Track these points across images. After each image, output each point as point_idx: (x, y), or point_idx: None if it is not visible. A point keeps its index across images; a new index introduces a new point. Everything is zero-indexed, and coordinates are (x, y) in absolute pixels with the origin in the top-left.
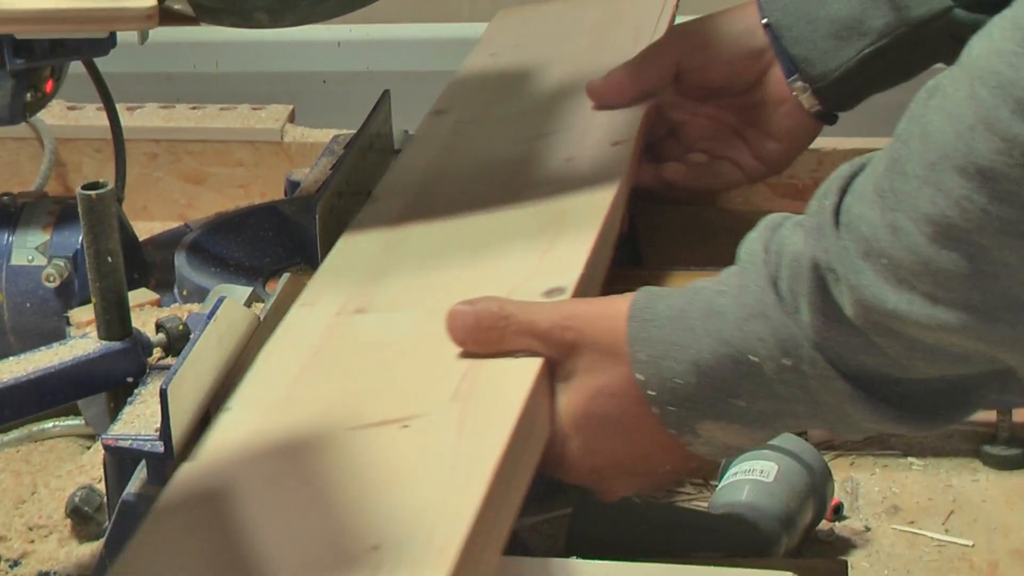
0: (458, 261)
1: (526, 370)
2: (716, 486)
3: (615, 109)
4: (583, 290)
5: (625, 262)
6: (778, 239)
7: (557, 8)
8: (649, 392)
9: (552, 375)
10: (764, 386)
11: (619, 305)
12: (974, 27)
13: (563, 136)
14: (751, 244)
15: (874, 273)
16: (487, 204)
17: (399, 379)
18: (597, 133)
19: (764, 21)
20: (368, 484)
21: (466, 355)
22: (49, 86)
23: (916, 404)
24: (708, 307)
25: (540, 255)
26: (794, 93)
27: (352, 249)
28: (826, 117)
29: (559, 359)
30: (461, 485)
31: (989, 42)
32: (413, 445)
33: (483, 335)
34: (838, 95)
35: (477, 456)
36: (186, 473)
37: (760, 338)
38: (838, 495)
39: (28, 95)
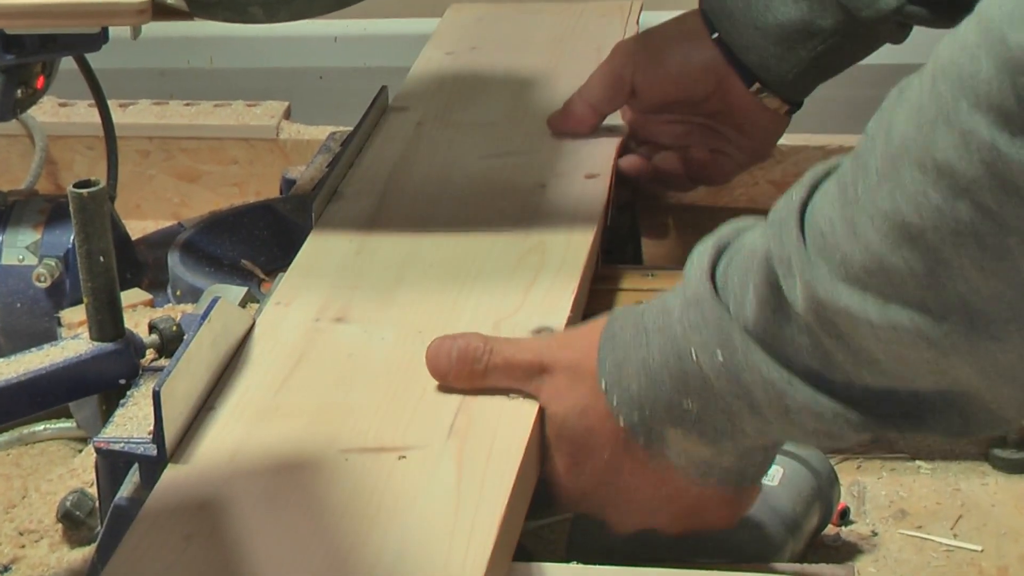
0: (435, 280)
1: (524, 414)
2: None
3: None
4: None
5: (625, 262)
6: (734, 235)
7: (511, 10)
8: (612, 401)
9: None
10: (707, 388)
11: (598, 323)
12: (922, 17)
13: (531, 159)
14: (704, 239)
15: (828, 269)
16: (458, 220)
17: (388, 401)
18: (568, 161)
19: (715, 36)
20: (368, 515)
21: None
22: (40, 82)
23: (861, 404)
24: (661, 306)
25: (524, 289)
26: (759, 97)
27: (323, 248)
28: (792, 108)
29: (538, 387)
30: (467, 530)
31: (954, 38)
32: (412, 479)
33: (466, 369)
34: (796, 90)
35: (482, 503)
36: (173, 478)
37: (696, 328)
38: (844, 499)
39: (19, 91)
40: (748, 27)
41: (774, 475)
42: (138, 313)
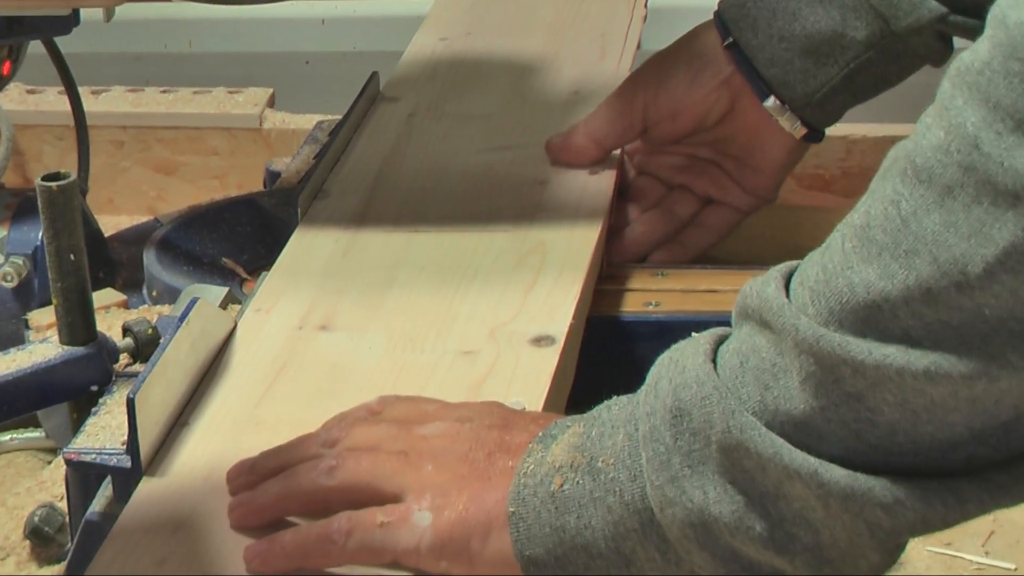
0: (427, 283)
1: None
2: None
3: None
4: (572, 339)
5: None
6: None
7: None
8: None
9: None
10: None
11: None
12: (964, 28)
13: (529, 153)
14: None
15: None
16: (452, 218)
17: None
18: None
19: (727, 42)
20: None
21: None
22: (6, 68)
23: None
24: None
25: (523, 292)
26: (774, 117)
27: (308, 248)
28: (811, 136)
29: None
30: None
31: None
32: None
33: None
34: (822, 113)
35: None
36: (148, 492)
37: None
38: None
39: None
40: (772, 38)
41: None
42: (111, 315)
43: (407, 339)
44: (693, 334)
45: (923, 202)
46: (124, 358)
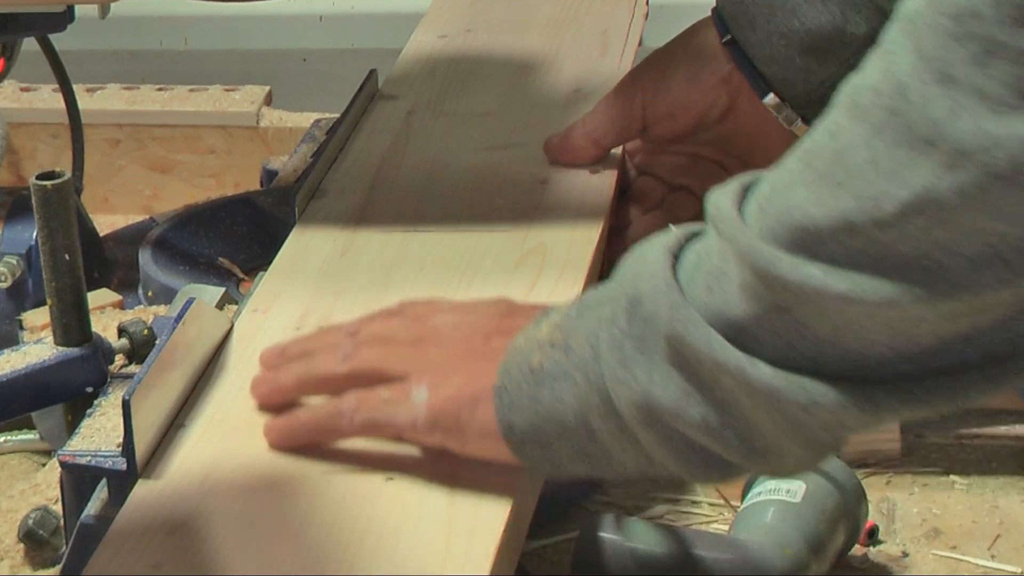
0: (426, 284)
1: None
2: (738, 507)
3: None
4: None
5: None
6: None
7: None
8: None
9: None
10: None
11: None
12: None
13: (530, 152)
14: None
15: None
16: (452, 218)
17: None
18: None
19: (726, 39)
20: (352, 542)
21: None
22: (0, 65)
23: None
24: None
25: (523, 293)
26: (774, 114)
27: (305, 248)
28: None
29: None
30: (460, 560)
31: None
32: (400, 502)
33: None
34: (824, 111)
35: (477, 530)
36: (143, 495)
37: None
38: (873, 517)
39: None
40: (772, 35)
41: (796, 491)
42: (106, 315)
43: None
44: (671, 227)
45: (855, 138)
46: (119, 359)
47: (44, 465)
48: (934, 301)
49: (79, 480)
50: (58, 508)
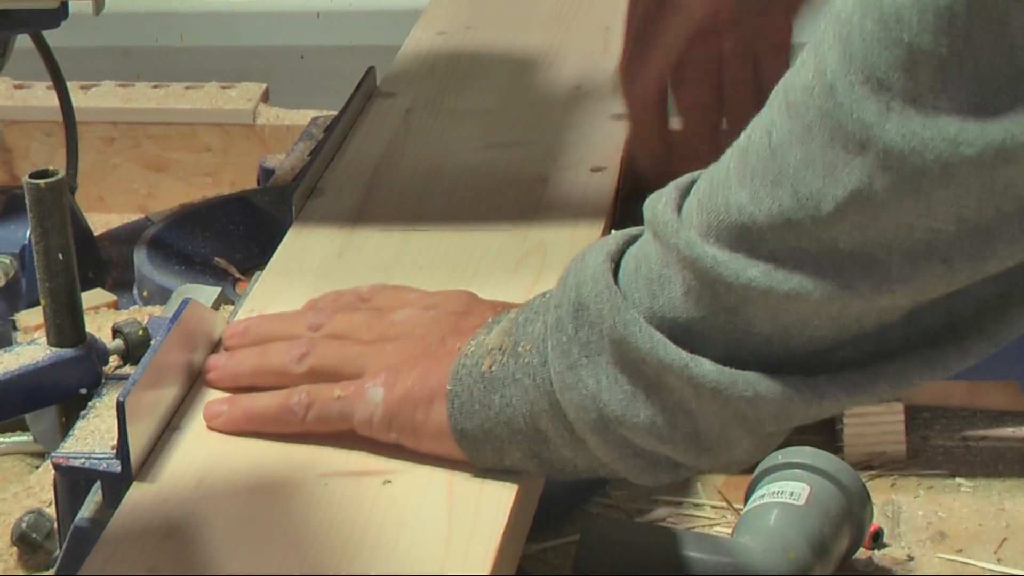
0: (424, 284)
1: None
2: (741, 510)
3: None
4: None
5: None
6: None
7: None
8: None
9: None
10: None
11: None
12: None
13: (531, 150)
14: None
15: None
16: (450, 218)
17: None
18: (572, 153)
19: None
20: (349, 546)
21: None
22: None
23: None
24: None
25: (524, 294)
26: None
27: (302, 248)
28: None
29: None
30: (459, 563)
31: None
32: (398, 506)
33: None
34: None
35: (477, 533)
36: (138, 498)
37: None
38: (877, 520)
39: None
40: None
41: (800, 493)
42: (101, 316)
43: None
44: (613, 231)
45: (789, 136)
46: (114, 360)
47: (38, 467)
48: (876, 296)
49: (73, 483)
50: (52, 511)
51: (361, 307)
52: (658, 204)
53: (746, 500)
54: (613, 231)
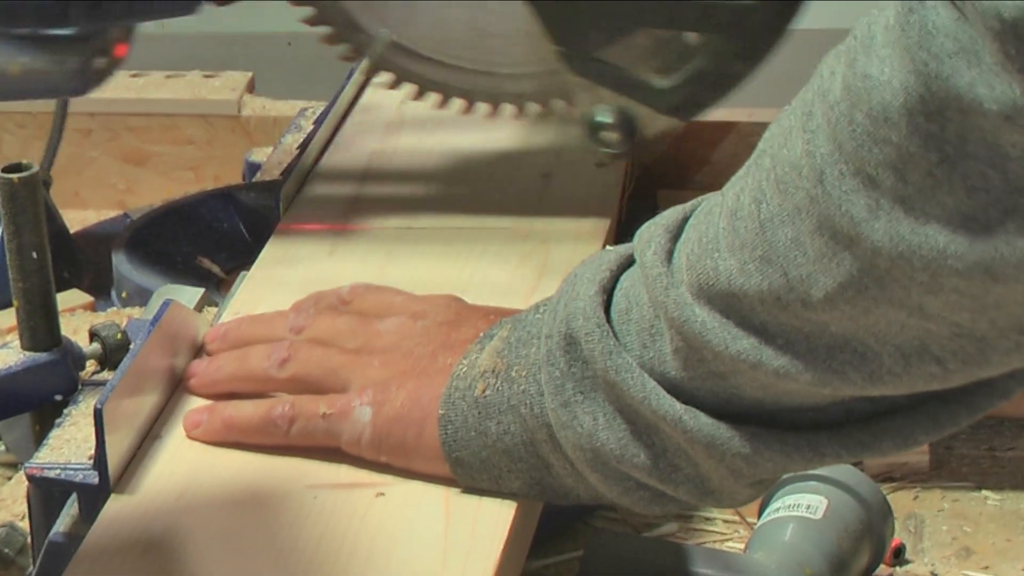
0: (419, 285)
1: None
2: (755, 524)
3: None
4: None
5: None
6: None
7: None
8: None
9: None
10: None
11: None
12: None
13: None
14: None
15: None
16: (448, 214)
17: None
18: (575, 147)
19: None
20: (339, 563)
21: None
22: (122, 50)
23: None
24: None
25: (525, 294)
26: None
27: (290, 247)
28: None
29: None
30: None
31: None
32: (392, 520)
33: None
34: None
35: (475, 549)
36: (116, 511)
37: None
38: (899, 535)
39: (98, 61)
40: None
41: (817, 507)
42: (77, 318)
43: None
44: (608, 247)
45: (779, 212)
46: (91, 365)
47: (10, 479)
48: (867, 386)
49: (47, 495)
50: (25, 525)
51: (344, 310)
52: (647, 252)
53: (760, 514)
54: (617, 230)
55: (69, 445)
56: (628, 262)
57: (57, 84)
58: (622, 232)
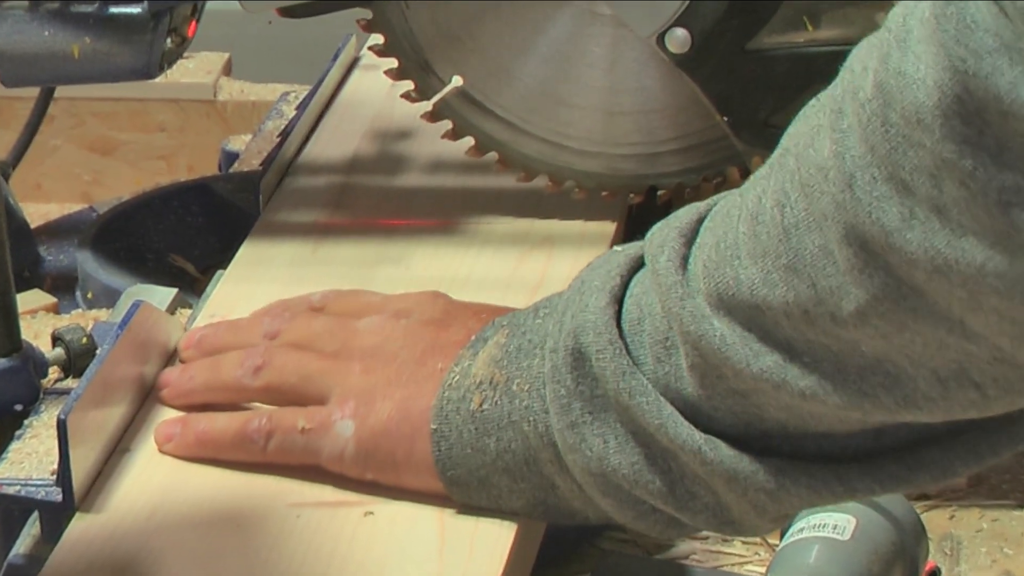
0: (412, 287)
1: None
2: (777, 546)
3: None
4: None
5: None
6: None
7: None
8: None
9: None
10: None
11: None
12: None
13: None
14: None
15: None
16: (442, 208)
17: None
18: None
19: None
20: None
21: None
22: (191, 29)
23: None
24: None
25: (527, 295)
26: None
27: (270, 244)
28: None
29: None
30: None
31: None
32: (382, 541)
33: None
34: None
35: (472, 573)
36: (81, 531)
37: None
38: (934, 557)
39: (168, 41)
40: None
41: (845, 527)
42: (39, 321)
43: None
44: (616, 248)
45: (804, 217)
46: (54, 372)
47: None
48: (900, 411)
49: (7, 513)
50: None
51: (318, 314)
52: (660, 257)
53: (782, 535)
54: (625, 231)
55: (30, 459)
56: (638, 264)
57: (122, 67)
58: (633, 230)
